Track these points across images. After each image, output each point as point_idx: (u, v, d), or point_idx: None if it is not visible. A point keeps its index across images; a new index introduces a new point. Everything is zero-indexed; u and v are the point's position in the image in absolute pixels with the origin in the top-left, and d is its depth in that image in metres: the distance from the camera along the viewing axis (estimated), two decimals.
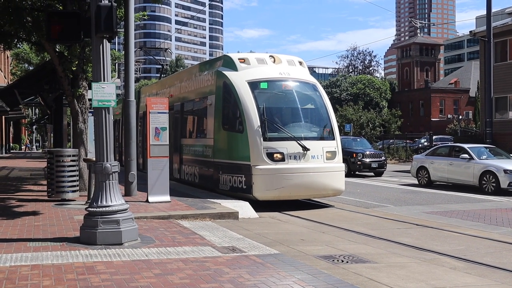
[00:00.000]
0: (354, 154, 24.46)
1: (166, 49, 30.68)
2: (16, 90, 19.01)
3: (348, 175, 23.62)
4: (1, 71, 38.04)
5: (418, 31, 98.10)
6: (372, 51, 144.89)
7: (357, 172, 24.70)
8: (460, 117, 59.20)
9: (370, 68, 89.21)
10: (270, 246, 7.66)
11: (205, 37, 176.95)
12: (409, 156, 37.44)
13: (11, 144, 56.45)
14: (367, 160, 24.37)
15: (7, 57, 42.03)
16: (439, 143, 40.74)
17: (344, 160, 24.02)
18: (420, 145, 41.01)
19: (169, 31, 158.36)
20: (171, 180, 12.59)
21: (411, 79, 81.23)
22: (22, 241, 7.39)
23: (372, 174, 24.83)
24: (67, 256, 6.55)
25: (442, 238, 9.16)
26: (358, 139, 29.08)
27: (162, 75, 28.50)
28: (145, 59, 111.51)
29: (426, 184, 19.18)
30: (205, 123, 14.72)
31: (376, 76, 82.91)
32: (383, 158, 25.32)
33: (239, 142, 12.78)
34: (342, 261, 7.13)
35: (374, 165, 24.41)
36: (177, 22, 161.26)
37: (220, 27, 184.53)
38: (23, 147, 67.71)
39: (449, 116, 62.82)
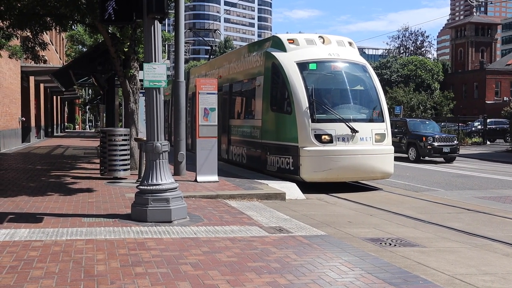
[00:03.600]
0: (424, 138, 22.57)
1: (215, 30, 30.74)
2: (71, 71, 19.54)
3: (417, 160, 22.45)
4: (57, 53, 39.24)
5: (474, 10, 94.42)
6: (425, 31, 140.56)
7: (426, 158, 22.96)
8: None
9: (422, 49, 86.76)
10: (317, 227, 7.66)
11: (253, 18, 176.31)
12: (461, 140, 36.37)
13: (66, 124, 58.42)
14: (437, 144, 22.41)
15: (62, 39, 43.31)
16: (493, 126, 39.57)
17: (412, 144, 23.30)
18: (473, 129, 39.82)
19: (218, 12, 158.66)
20: (219, 161, 12.72)
21: (465, 60, 78.57)
22: (77, 217, 7.68)
23: (442, 159, 23.04)
24: (119, 232, 6.76)
25: (494, 224, 8.93)
26: (427, 122, 26.72)
27: (211, 56, 28.68)
28: (194, 40, 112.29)
29: None
30: (253, 104, 14.76)
31: (428, 57, 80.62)
32: (455, 142, 23.17)
33: (287, 123, 12.77)
34: (390, 244, 7.06)
35: (445, 149, 22.42)
36: (226, 3, 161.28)
37: (269, 8, 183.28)
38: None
39: (505, 99, 60.53)
